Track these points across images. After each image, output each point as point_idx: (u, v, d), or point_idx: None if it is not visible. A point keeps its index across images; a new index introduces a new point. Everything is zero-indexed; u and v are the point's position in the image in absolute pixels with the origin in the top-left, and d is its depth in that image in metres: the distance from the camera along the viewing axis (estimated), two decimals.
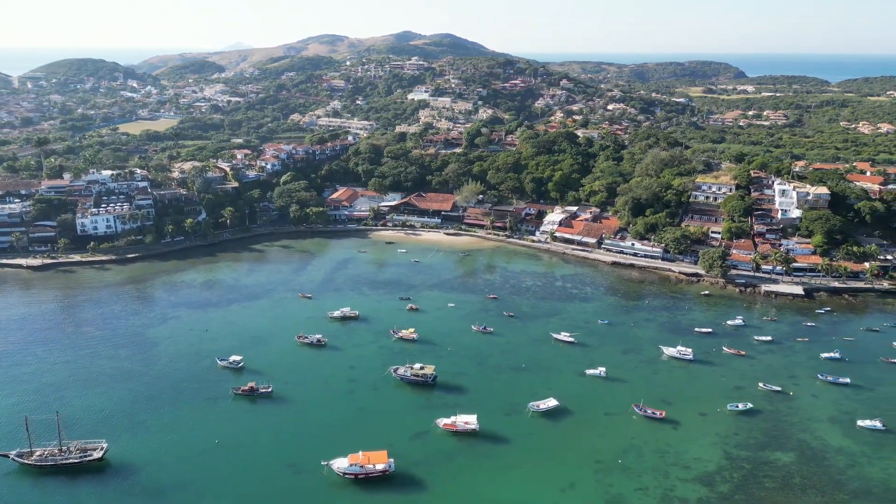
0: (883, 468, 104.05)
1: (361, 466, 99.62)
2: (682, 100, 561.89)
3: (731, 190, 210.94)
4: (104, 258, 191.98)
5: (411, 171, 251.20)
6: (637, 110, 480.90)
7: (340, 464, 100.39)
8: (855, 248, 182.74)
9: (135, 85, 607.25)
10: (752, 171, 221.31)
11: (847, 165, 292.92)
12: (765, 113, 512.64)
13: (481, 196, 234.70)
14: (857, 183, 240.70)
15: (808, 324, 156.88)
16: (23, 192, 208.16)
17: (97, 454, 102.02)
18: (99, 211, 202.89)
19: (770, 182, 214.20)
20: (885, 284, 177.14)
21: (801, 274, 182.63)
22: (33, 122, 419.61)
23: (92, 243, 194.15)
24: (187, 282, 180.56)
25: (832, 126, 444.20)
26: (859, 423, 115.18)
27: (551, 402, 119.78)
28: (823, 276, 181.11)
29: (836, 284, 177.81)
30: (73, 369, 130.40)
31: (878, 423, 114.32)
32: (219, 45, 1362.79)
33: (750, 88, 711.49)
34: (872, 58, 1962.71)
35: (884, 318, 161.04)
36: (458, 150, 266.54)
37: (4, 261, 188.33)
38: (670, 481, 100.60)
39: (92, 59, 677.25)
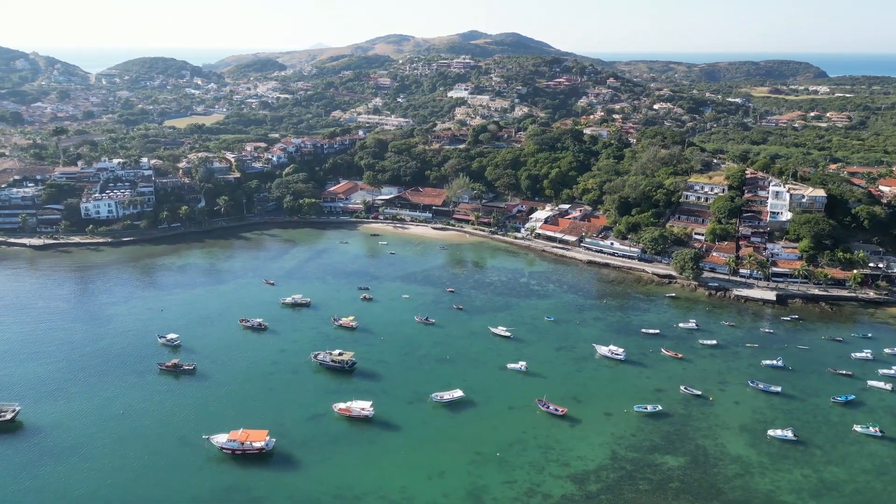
0: (773, 480, 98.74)
1: (240, 443, 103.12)
2: (738, 100, 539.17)
3: (723, 190, 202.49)
4: (101, 240, 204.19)
5: (411, 166, 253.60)
6: (684, 110, 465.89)
7: (220, 439, 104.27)
8: (841, 255, 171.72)
9: (199, 82, 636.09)
10: (750, 172, 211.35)
11: (883, 169, 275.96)
12: (827, 114, 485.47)
13: (473, 191, 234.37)
14: (888, 188, 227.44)
15: (766, 330, 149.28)
16: (38, 177, 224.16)
17: (8, 416, 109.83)
18: (102, 196, 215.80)
19: (766, 183, 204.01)
20: (871, 294, 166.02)
21: (780, 279, 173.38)
22: (94, 116, 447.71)
23: (91, 226, 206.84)
24: (167, 265, 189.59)
25: (894, 129, 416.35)
26: (770, 432, 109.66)
27: (456, 394, 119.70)
28: (804, 282, 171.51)
29: (816, 291, 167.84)
30: (26, 340, 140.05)
31: (789, 434, 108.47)
32: (300, 46, 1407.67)
33: (824, 89, 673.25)
34: None
35: (853, 329, 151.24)
36: (461, 147, 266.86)
37: (12, 240, 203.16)
38: (542, 477, 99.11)
39: (163, 57, 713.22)
